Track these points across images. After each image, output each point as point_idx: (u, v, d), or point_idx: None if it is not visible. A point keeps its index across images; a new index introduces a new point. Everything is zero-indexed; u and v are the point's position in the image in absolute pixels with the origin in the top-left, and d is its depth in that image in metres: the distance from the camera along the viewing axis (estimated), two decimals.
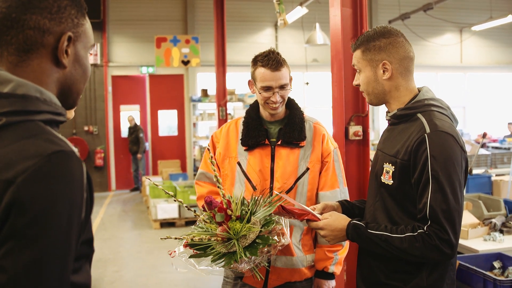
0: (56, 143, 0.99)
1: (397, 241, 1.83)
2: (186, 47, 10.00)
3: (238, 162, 2.52)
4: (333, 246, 2.50)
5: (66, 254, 0.97)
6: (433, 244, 1.77)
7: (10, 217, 0.93)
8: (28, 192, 0.93)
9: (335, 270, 2.53)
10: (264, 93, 2.42)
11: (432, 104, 1.92)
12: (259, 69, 2.43)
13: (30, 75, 1.08)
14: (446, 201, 1.76)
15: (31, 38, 1.07)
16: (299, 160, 2.48)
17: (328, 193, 2.50)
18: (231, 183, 2.52)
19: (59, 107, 1.09)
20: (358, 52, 2.00)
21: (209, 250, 2.12)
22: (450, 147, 1.80)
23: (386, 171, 1.93)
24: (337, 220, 1.98)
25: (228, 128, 2.64)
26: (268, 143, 2.51)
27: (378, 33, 1.97)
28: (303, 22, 11.33)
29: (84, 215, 1.02)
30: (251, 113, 2.59)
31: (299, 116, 2.54)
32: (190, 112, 12.41)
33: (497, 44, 14.57)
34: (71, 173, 0.98)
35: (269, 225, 2.14)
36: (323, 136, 2.53)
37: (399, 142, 1.91)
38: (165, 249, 6.93)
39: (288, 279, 2.53)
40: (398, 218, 1.91)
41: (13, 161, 0.96)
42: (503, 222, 4.01)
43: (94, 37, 1.22)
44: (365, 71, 1.99)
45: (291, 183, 2.47)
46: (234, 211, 2.11)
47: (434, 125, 1.83)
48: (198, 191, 2.66)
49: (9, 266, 0.91)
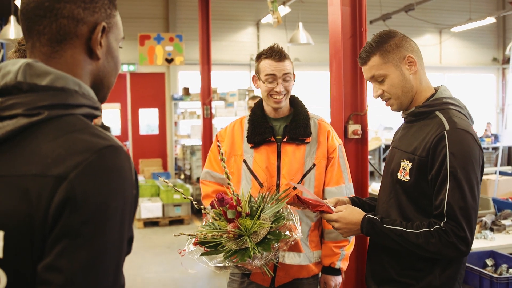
0: (104, 138, 0.96)
1: (413, 237, 1.83)
2: (170, 45, 9.91)
3: (244, 160, 2.53)
4: (340, 242, 2.51)
5: (120, 252, 0.94)
6: (449, 241, 1.78)
7: (64, 214, 0.89)
8: (83, 188, 0.89)
9: (342, 266, 2.54)
10: (269, 84, 2.44)
11: (450, 103, 1.93)
12: (264, 61, 2.47)
13: (63, 66, 1.04)
14: (463, 198, 1.77)
15: (65, 27, 1.04)
16: (305, 157, 2.49)
17: (333, 189, 2.51)
18: (237, 181, 2.52)
19: (96, 101, 1.06)
20: (376, 58, 1.96)
21: (220, 247, 2.11)
22: (469, 145, 1.80)
23: (403, 167, 1.93)
24: (352, 214, 1.98)
25: (233, 127, 2.65)
26: (274, 140, 2.51)
27: (385, 36, 1.98)
28: (286, 21, 11.32)
29: (133, 212, 0.98)
30: (256, 110, 2.60)
31: (303, 113, 2.55)
32: (171, 111, 12.31)
33: (476, 45, 14.78)
34: (122, 168, 0.95)
35: (279, 221, 2.13)
36: (328, 132, 2.54)
37: (417, 139, 1.91)
38: (150, 248, 6.90)
39: (295, 275, 2.53)
40: (412, 215, 1.91)
41: (62, 156, 0.91)
42: (493, 220, 4.06)
43: None
44: (390, 73, 1.95)
45: (297, 179, 2.47)
46: (244, 208, 2.11)
47: (453, 123, 1.83)
48: (204, 190, 2.66)
49: (65, 266, 0.87)
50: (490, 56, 15.02)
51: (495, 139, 12.76)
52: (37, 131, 0.96)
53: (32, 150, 0.94)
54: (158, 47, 9.84)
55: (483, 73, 15.27)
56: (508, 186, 5.23)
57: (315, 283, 2.62)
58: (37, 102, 0.96)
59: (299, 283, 2.57)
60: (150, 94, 12.42)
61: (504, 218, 4.09)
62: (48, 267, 0.88)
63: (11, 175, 0.93)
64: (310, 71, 13.28)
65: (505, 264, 3.28)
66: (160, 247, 7.00)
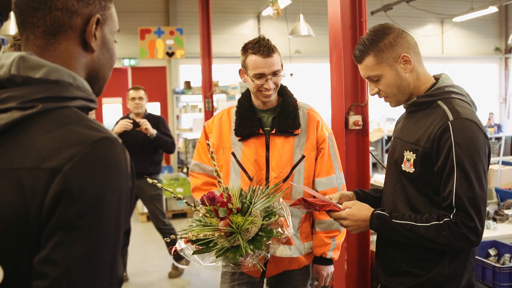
0: (98, 130, 0.95)
1: (423, 230, 1.81)
2: (171, 39, 9.89)
3: (232, 153, 2.49)
4: (331, 231, 2.50)
5: (116, 244, 0.94)
6: (460, 233, 1.76)
7: (59, 207, 0.88)
8: (77, 180, 0.89)
9: (333, 255, 2.53)
10: (257, 80, 2.38)
11: (452, 91, 1.90)
12: (250, 56, 2.38)
13: (58, 59, 1.04)
14: (471, 189, 1.75)
15: (59, 20, 1.03)
16: (294, 148, 2.46)
17: (324, 180, 2.49)
18: (226, 174, 2.48)
19: (91, 94, 1.06)
20: (370, 59, 1.93)
21: (212, 244, 2.09)
22: (474, 134, 1.78)
23: (407, 159, 1.91)
24: (360, 210, 1.96)
25: (221, 118, 2.58)
26: (262, 132, 2.47)
27: (379, 33, 1.92)
28: (287, 13, 11.29)
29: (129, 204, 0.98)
30: (243, 102, 2.54)
31: (292, 103, 2.50)
32: (173, 105, 12.31)
33: (478, 35, 14.72)
34: (117, 160, 0.94)
35: (271, 216, 2.11)
36: (318, 122, 2.50)
37: (420, 130, 1.89)
38: (153, 242, 6.91)
39: (286, 267, 2.53)
40: (420, 206, 1.89)
41: (56, 149, 0.91)
42: (496, 210, 4.05)
43: None
44: (385, 73, 1.92)
45: (287, 171, 2.44)
46: (234, 204, 2.08)
47: (456, 113, 1.81)
48: (193, 183, 2.61)
49: (61, 259, 0.87)
50: (492, 46, 14.96)
51: (498, 129, 12.72)
52: (32, 124, 0.95)
53: (26, 143, 0.94)
54: (158, 41, 9.83)
55: (486, 63, 15.20)
56: (511, 176, 5.21)
57: (306, 274, 2.62)
58: (31, 95, 0.96)
59: (291, 274, 2.58)
60: (151, 88, 12.38)
61: (507, 208, 4.08)
62: (44, 260, 0.88)
63: (6, 168, 0.93)
64: (311, 63, 13.26)
65: (507, 253, 3.27)
66: (162, 241, 6.98)
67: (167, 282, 5.48)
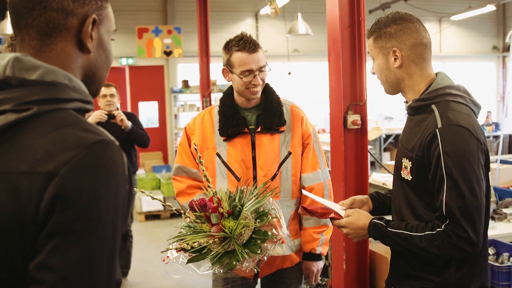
0: (95, 133, 0.94)
1: (417, 240, 1.79)
2: (168, 38, 9.86)
3: (217, 153, 2.45)
4: (319, 227, 2.51)
5: (113, 248, 0.92)
6: (452, 243, 1.73)
7: (55, 212, 0.87)
8: (73, 184, 0.88)
9: (322, 250, 2.53)
10: (245, 78, 2.35)
11: (448, 93, 1.85)
12: (236, 54, 2.35)
13: (54, 60, 1.02)
14: (462, 198, 1.71)
15: (54, 20, 1.01)
16: (280, 145, 2.45)
17: (310, 175, 2.49)
18: (211, 175, 2.43)
19: (88, 95, 1.04)
20: (371, 40, 1.97)
21: (206, 251, 2.04)
22: (464, 141, 1.73)
23: (404, 166, 1.90)
24: (359, 219, 1.95)
25: (203, 118, 2.53)
26: (248, 131, 2.44)
27: (390, 20, 1.93)
28: (285, 12, 11.26)
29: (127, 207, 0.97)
30: (226, 101, 2.50)
31: (276, 100, 2.49)
32: (171, 104, 12.27)
33: (476, 33, 14.70)
34: (114, 163, 0.93)
35: (263, 218, 2.08)
36: (302, 118, 2.50)
37: (415, 137, 1.87)
38: (152, 242, 6.89)
39: (279, 266, 2.53)
40: (422, 212, 1.87)
41: (52, 152, 0.90)
42: (494, 209, 4.05)
43: None
44: (377, 59, 1.95)
45: (274, 169, 2.43)
46: (225, 207, 2.04)
47: (446, 119, 1.76)
48: (177, 187, 2.56)
49: (57, 265, 0.86)
50: (490, 44, 14.95)
51: (495, 127, 12.71)
52: (27, 127, 0.94)
53: (21, 147, 0.92)
54: (156, 39, 9.80)
55: (483, 62, 15.18)
56: (509, 175, 5.20)
57: (299, 272, 2.61)
58: (26, 97, 0.94)
59: (284, 272, 2.57)
60: (149, 87, 12.38)
61: (505, 207, 4.07)
62: (40, 265, 0.87)
63: (1, 172, 0.92)
64: (309, 61, 13.23)
65: (506, 252, 3.26)
66: (162, 241, 6.96)
67: (165, 282, 5.47)
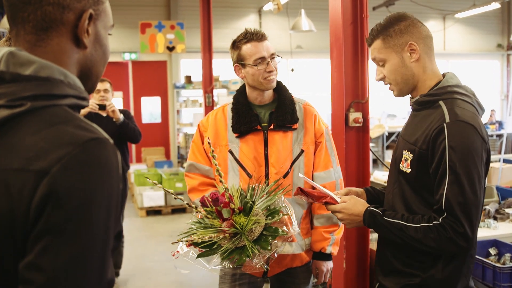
0: (89, 130, 0.92)
1: (412, 231, 1.80)
2: (171, 33, 9.84)
3: (229, 150, 2.46)
4: (329, 226, 2.49)
5: (105, 249, 0.91)
6: (447, 237, 1.74)
7: (46, 210, 0.85)
8: (65, 183, 0.86)
9: (332, 250, 2.51)
10: (260, 65, 2.37)
11: (456, 92, 1.87)
12: (245, 46, 2.39)
13: (49, 55, 1.00)
14: (462, 194, 1.72)
15: (50, 14, 0.99)
16: (293, 143, 2.45)
17: (322, 174, 2.48)
18: (224, 172, 2.44)
19: (83, 91, 1.02)
20: (378, 42, 1.94)
21: (215, 246, 2.06)
22: (470, 138, 1.75)
23: (404, 158, 1.90)
24: (355, 205, 1.96)
25: (216, 116, 2.55)
26: (260, 128, 2.45)
27: (394, 19, 1.94)
28: (288, 8, 11.22)
29: (120, 207, 0.95)
30: (239, 98, 2.52)
31: (289, 98, 2.49)
32: (173, 99, 12.26)
33: (480, 31, 14.64)
34: (108, 162, 0.91)
35: (274, 215, 2.09)
36: (315, 116, 2.49)
37: (419, 130, 1.88)
38: (152, 237, 6.89)
39: (289, 265, 2.52)
40: (415, 206, 1.88)
41: (45, 150, 0.88)
42: (497, 209, 4.02)
43: None
44: (390, 59, 1.93)
45: (287, 167, 2.43)
46: (236, 204, 2.06)
47: (454, 115, 1.78)
48: (189, 184, 2.57)
49: (47, 265, 0.84)
50: (494, 42, 14.88)
51: (499, 126, 12.68)
52: (21, 123, 0.92)
53: (14, 143, 0.90)
54: (159, 35, 9.79)
55: (488, 60, 15.12)
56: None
57: (308, 272, 2.60)
58: (19, 92, 0.92)
59: (293, 271, 2.56)
60: (152, 83, 12.37)
61: (508, 207, 4.05)
62: (30, 265, 0.85)
63: None
64: (312, 58, 13.20)
65: (508, 253, 3.24)
66: (163, 236, 6.99)
67: (166, 277, 5.47)
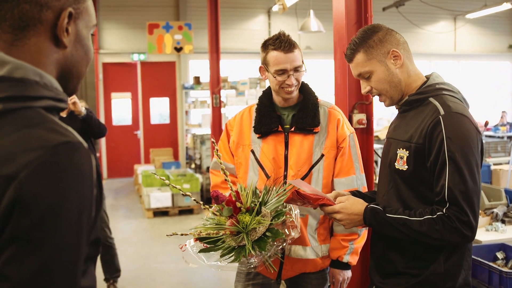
0: (61, 133, 0.88)
1: (416, 224, 1.80)
2: (179, 34, 9.84)
3: (251, 150, 2.46)
4: (349, 235, 2.43)
5: (76, 258, 0.87)
6: (453, 227, 1.75)
7: (13, 217, 0.82)
8: (33, 188, 0.82)
9: (350, 259, 2.45)
10: (279, 77, 2.34)
11: (444, 88, 1.91)
12: (271, 52, 2.35)
13: (26, 55, 0.97)
14: (464, 182, 1.74)
15: (28, 13, 0.96)
16: (314, 147, 2.40)
17: (343, 180, 2.42)
18: (244, 171, 2.47)
19: (61, 93, 0.98)
20: (360, 55, 1.95)
21: (220, 243, 2.07)
22: (466, 128, 1.78)
23: (400, 156, 1.90)
24: (354, 204, 1.95)
25: (242, 116, 2.57)
26: (281, 130, 2.44)
27: (369, 30, 1.96)
28: (297, 8, 11.18)
29: (94, 213, 0.91)
30: (264, 99, 2.52)
31: (312, 101, 2.46)
32: (182, 100, 12.27)
33: (491, 32, 14.51)
34: (79, 166, 0.87)
35: (280, 217, 2.09)
36: (338, 120, 2.44)
37: (413, 127, 1.88)
38: (159, 238, 6.88)
39: (302, 270, 2.47)
40: (413, 204, 1.88)
41: (13, 154, 0.84)
42: (505, 212, 3.96)
43: None
44: (375, 69, 1.94)
45: (305, 170, 2.39)
46: (244, 203, 2.05)
47: (448, 107, 1.81)
48: (213, 180, 2.62)
49: (13, 275, 0.81)
50: (505, 43, 14.74)
51: (510, 127, 12.53)
52: None
53: None
54: (167, 35, 9.79)
55: (499, 61, 14.98)
56: None
57: (323, 279, 2.53)
58: None
59: (306, 277, 2.50)
60: (161, 83, 12.38)
61: None
62: None
63: None
64: (321, 59, 13.14)
65: None
66: (169, 237, 6.97)
67: (171, 279, 5.44)
